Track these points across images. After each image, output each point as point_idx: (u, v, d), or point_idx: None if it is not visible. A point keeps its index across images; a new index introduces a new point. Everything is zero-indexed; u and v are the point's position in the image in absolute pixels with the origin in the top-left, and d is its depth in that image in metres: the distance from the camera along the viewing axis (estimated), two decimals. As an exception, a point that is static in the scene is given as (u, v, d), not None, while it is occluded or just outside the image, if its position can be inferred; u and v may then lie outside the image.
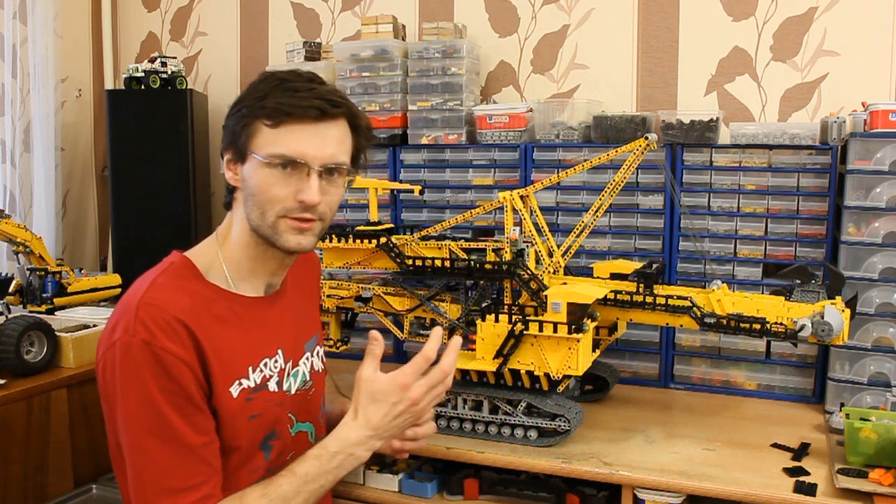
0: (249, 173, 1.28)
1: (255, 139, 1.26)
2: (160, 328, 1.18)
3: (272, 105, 1.24)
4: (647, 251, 2.39)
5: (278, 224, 1.28)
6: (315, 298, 1.62)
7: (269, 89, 1.26)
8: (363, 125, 1.35)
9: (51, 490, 2.14)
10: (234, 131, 1.29)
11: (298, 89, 1.26)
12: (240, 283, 1.35)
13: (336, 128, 1.30)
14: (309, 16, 3.16)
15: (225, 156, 1.32)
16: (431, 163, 2.64)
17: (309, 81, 1.28)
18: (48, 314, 2.47)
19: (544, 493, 1.89)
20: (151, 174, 3.05)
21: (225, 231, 1.37)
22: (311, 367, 1.46)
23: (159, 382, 1.17)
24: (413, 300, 2.17)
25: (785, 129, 2.25)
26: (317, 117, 1.26)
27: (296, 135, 1.25)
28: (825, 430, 1.98)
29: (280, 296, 1.42)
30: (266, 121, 1.25)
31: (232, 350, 1.28)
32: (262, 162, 1.25)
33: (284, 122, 1.25)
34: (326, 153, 1.27)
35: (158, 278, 1.26)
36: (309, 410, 1.44)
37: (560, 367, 1.83)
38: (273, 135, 1.25)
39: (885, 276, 2.03)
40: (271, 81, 1.28)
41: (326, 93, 1.27)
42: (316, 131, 1.26)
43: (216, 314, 1.28)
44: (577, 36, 2.74)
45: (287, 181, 1.26)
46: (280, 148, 1.25)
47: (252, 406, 1.29)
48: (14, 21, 3.06)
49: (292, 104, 1.24)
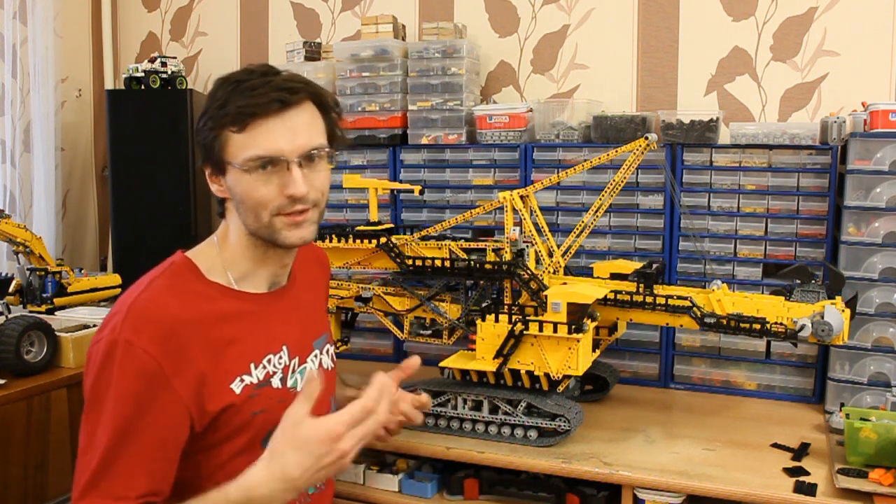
0: (233, 182, 1.28)
1: (228, 148, 1.26)
2: (147, 331, 1.18)
3: (233, 111, 1.23)
4: (647, 251, 2.39)
5: (274, 223, 1.29)
6: (324, 298, 1.63)
7: (227, 95, 1.25)
8: (329, 101, 1.34)
9: (51, 490, 2.14)
10: (205, 146, 1.29)
11: (255, 87, 1.25)
12: (242, 281, 1.35)
13: (302, 113, 1.28)
14: (309, 16, 3.16)
15: (206, 171, 1.32)
16: (431, 163, 2.64)
17: (263, 76, 1.27)
18: (48, 314, 2.47)
19: (544, 493, 1.89)
20: (151, 174, 3.05)
21: (223, 235, 1.37)
22: (320, 364, 1.46)
23: (134, 385, 1.17)
24: (413, 300, 2.16)
25: (785, 129, 2.25)
26: (280, 109, 1.25)
27: (264, 132, 1.24)
28: (825, 430, 1.98)
29: (286, 292, 1.42)
30: (232, 128, 1.24)
31: (233, 347, 1.28)
32: (241, 169, 1.25)
33: (250, 124, 1.24)
34: (300, 142, 1.27)
35: (156, 280, 1.27)
36: (315, 409, 1.43)
37: (560, 367, 1.83)
38: (243, 139, 1.25)
39: (885, 276, 2.03)
40: (227, 86, 1.27)
41: (283, 82, 1.26)
42: (283, 122, 1.25)
43: (217, 312, 1.28)
44: (577, 36, 2.74)
45: (270, 180, 1.26)
46: (253, 150, 1.24)
47: (255, 402, 1.29)
48: (14, 21, 3.06)
49: (252, 104, 1.23)
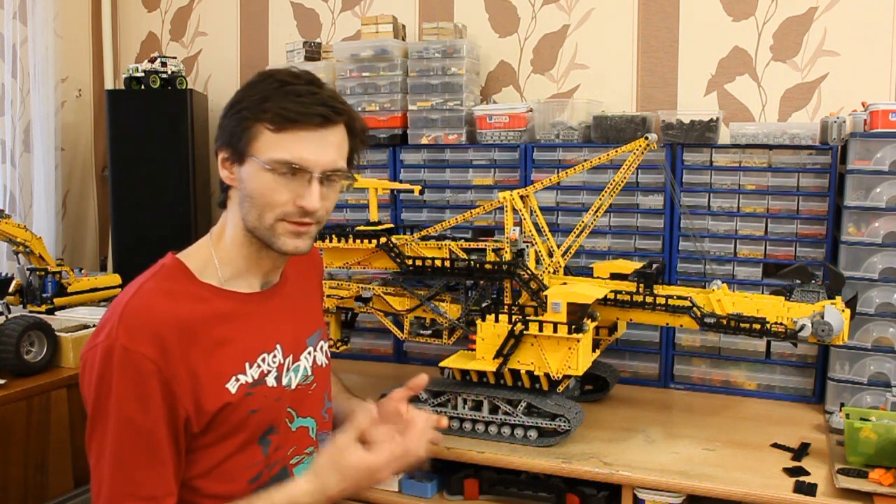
0: (248, 175, 1.27)
1: (256, 142, 1.26)
2: (141, 335, 1.18)
3: (276, 109, 1.23)
4: (647, 251, 2.39)
5: (276, 227, 1.29)
6: (317, 294, 1.62)
7: (270, 91, 1.25)
8: (359, 128, 1.36)
9: (51, 490, 2.14)
10: (232, 132, 1.28)
11: (300, 93, 1.25)
12: (234, 281, 1.35)
13: (336, 133, 1.29)
14: (309, 16, 3.16)
15: (220, 154, 1.31)
16: (431, 163, 2.64)
17: (309, 84, 1.28)
18: (48, 314, 2.47)
19: (544, 493, 1.89)
20: (151, 174, 3.05)
21: (219, 231, 1.37)
22: (314, 361, 1.46)
23: (136, 389, 1.18)
24: (413, 300, 2.16)
25: (785, 129, 2.25)
26: (320, 124, 1.26)
27: (299, 141, 1.25)
28: (825, 430, 1.98)
29: (278, 290, 1.42)
30: (269, 125, 1.24)
31: (227, 347, 1.28)
32: (264, 166, 1.25)
33: (289, 128, 1.24)
34: (327, 159, 1.27)
35: (146, 283, 1.27)
36: (310, 405, 1.44)
37: (560, 367, 1.83)
38: (276, 139, 1.25)
39: (885, 276, 2.03)
40: (271, 83, 1.27)
41: (328, 98, 1.27)
42: (319, 137, 1.26)
43: (209, 313, 1.28)
44: (577, 36, 2.74)
45: (288, 186, 1.26)
46: (283, 153, 1.24)
47: (251, 401, 1.29)
48: (14, 21, 3.06)
49: (297, 111, 1.23)
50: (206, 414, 1.24)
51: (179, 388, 1.21)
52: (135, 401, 1.18)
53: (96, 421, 1.20)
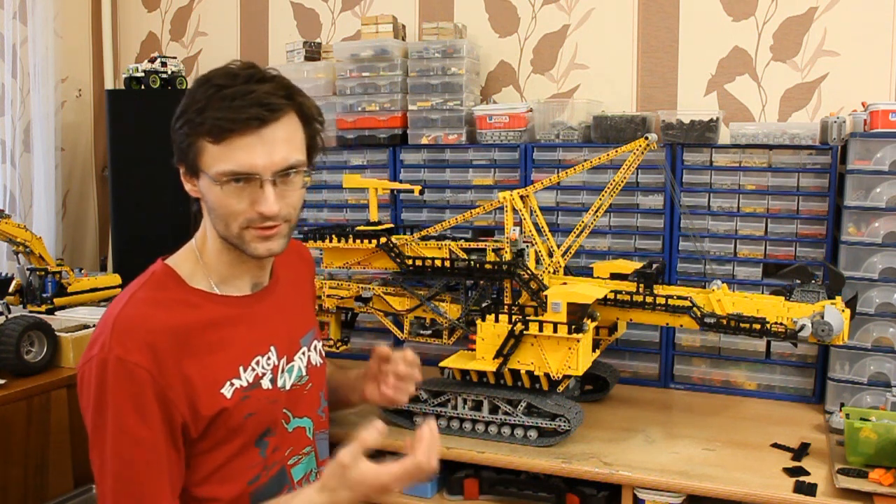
0: (205, 189, 1.26)
1: (203, 157, 1.23)
2: (134, 344, 1.18)
3: (211, 122, 1.19)
4: (647, 251, 2.39)
5: (243, 235, 1.27)
6: (309, 294, 1.61)
7: (206, 99, 1.21)
8: (311, 112, 1.30)
9: (51, 490, 2.14)
10: (181, 148, 1.26)
11: (235, 96, 1.19)
12: (223, 285, 1.34)
13: (281, 127, 1.23)
14: (309, 16, 3.16)
15: (180, 169, 1.29)
16: (431, 163, 2.63)
17: (246, 82, 1.22)
18: (48, 314, 2.47)
19: (544, 493, 1.89)
20: (151, 174, 3.03)
21: (202, 238, 1.36)
22: (308, 361, 1.46)
23: (132, 399, 1.17)
24: (413, 300, 2.17)
25: (785, 129, 2.25)
26: (259, 126, 1.20)
27: (241, 148, 1.20)
28: (825, 430, 1.98)
29: (269, 292, 1.41)
30: (208, 138, 1.21)
31: (221, 352, 1.28)
32: (213, 181, 1.22)
33: (227, 138, 1.20)
34: (276, 159, 1.22)
35: (137, 293, 1.27)
36: (306, 406, 1.44)
37: (560, 367, 1.83)
38: (218, 151, 1.21)
39: (885, 276, 2.03)
40: (207, 89, 1.22)
41: (264, 95, 1.21)
42: (260, 139, 1.21)
43: (201, 319, 1.27)
44: (577, 36, 2.74)
45: (241, 195, 1.23)
46: (227, 164, 1.20)
47: (247, 405, 1.29)
48: (14, 21, 3.05)
49: (230, 118, 1.18)
50: (202, 419, 1.24)
51: (175, 396, 1.20)
52: (132, 411, 1.17)
53: (96, 433, 1.20)
